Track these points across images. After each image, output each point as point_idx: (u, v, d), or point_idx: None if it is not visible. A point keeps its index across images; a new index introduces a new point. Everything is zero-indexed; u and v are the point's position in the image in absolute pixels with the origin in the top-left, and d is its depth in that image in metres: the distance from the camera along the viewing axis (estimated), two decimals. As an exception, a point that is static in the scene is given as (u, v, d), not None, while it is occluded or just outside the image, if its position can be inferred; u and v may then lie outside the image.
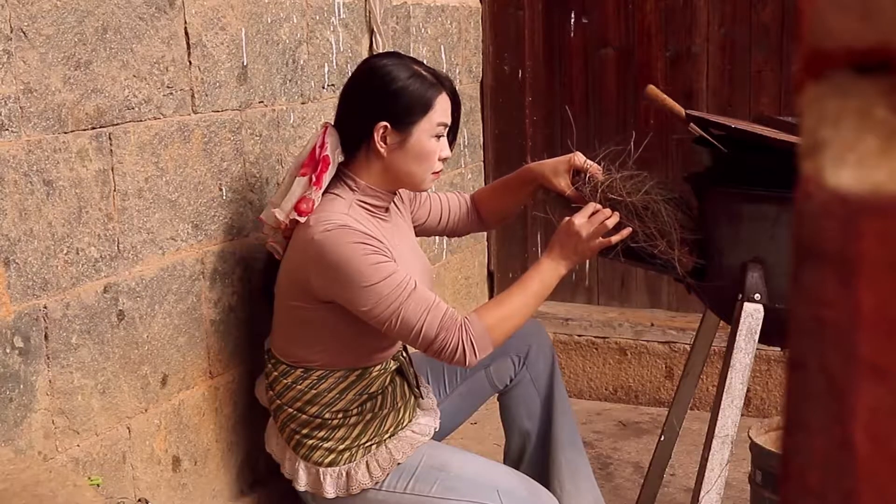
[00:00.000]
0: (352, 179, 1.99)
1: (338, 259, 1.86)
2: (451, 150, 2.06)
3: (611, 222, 1.96)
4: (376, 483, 1.99)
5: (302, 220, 1.92)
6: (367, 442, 2.00)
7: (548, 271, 1.98)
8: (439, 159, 2.00)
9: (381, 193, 2.01)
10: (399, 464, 2.00)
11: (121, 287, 1.88)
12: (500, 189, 2.31)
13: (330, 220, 1.89)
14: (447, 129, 2.00)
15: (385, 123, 1.94)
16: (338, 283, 1.87)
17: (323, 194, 1.96)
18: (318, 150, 1.96)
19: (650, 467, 2.46)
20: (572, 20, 3.43)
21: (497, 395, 2.32)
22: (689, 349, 2.47)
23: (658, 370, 3.30)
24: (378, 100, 1.96)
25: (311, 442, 2.01)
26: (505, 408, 2.30)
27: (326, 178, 1.95)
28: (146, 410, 1.96)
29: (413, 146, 1.96)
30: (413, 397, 2.11)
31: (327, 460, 2.00)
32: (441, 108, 1.97)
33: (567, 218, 1.99)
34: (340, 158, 2.00)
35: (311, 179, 1.95)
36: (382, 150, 1.95)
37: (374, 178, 1.99)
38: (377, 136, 1.95)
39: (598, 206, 1.98)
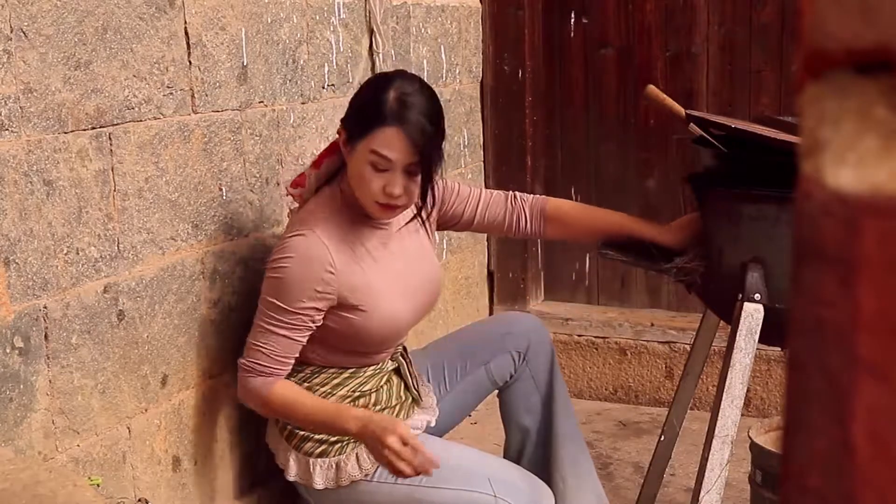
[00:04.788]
0: (344, 183, 2.02)
1: (273, 265, 1.95)
2: (424, 199, 1.96)
3: (406, 470, 1.85)
4: (366, 475, 2.01)
5: (294, 192, 2.05)
6: None
7: (342, 418, 1.93)
8: (386, 193, 1.91)
9: None
10: None
11: (121, 287, 1.88)
12: (596, 223, 2.21)
13: (301, 230, 1.95)
14: (393, 164, 1.89)
15: (343, 129, 1.96)
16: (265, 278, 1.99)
17: (325, 185, 2.03)
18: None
19: (650, 467, 2.46)
20: (572, 20, 3.43)
21: (497, 391, 2.32)
22: (689, 349, 2.47)
23: (658, 370, 3.30)
24: (350, 104, 1.99)
25: (302, 433, 2.04)
26: (504, 404, 2.31)
27: (327, 162, 2.03)
28: (146, 410, 1.96)
29: (354, 164, 1.94)
30: (411, 398, 2.12)
31: (317, 451, 2.03)
32: (381, 139, 1.88)
33: (397, 426, 1.86)
34: None
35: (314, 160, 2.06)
36: (346, 155, 1.97)
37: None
38: (341, 138, 1.97)
39: (419, 448, 1.84)
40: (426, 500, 1.98)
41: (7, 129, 1.62)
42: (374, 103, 1.91)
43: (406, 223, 2.09)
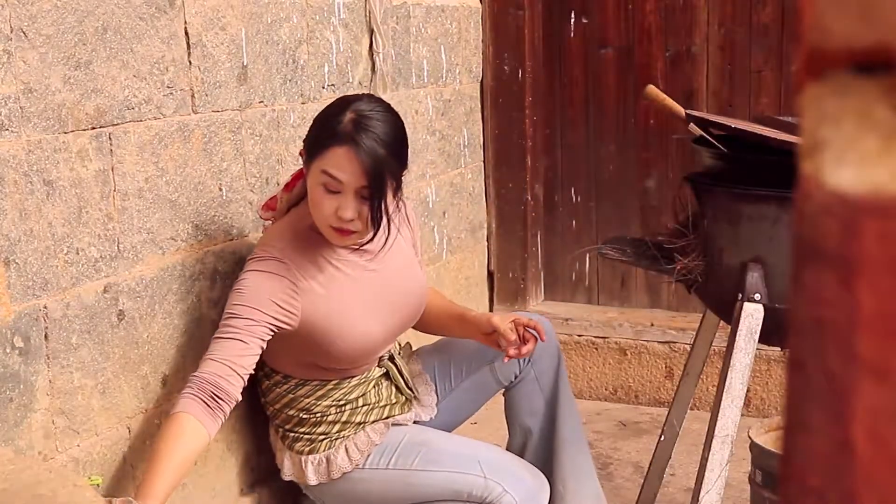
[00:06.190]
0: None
1: (235, 285, 1.92)
2: (373, 224, 1.87)
3: None
4: (357, 465, 2.04)
5: (266, 215, 2.04)
6: (347, 433, 2.07)
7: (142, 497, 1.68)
8: (337, 216, 1.86)
9: None
10: (376, 445, 2.06)
11: (121, 287, 1.88)
12: (457, 319, 2.24)
13: (266, 250, 1.94)
14: (344, 186, 1.84)
15: (303, 148, 1.94)
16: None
17: (294, 207, 2.02)
18: None
19: (650, 467, 2.46)
20: (572, 20, 3.43)
21: (503, 391, 2.33)
22: (689, 349, 2.47)
23: (658, 370, 3.29)
24: (311, 123, 1.97)
25: (293, 434, 2.08)
26: (508, 404, 2.32)
27: (299, 184, 2.00)
28: (146, 410, 1.96)
29: (308, 184, 1.91)
30: (404, 398, 2.14)
31: (307, 449, 2.06)
32: (332, 159, 1.84)
33: None
34: None
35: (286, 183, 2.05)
36: (305, 175, 1.94)
37: None
38: (301, 158, 1.95)
39: None
40: (418, 484, 2.01)
41: (7, 129, 1.62)
42: (330, 123, 1.87)
43: (361, 244, 1.98)
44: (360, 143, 1.83)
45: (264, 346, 1.88)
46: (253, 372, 2.08)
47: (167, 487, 1.68)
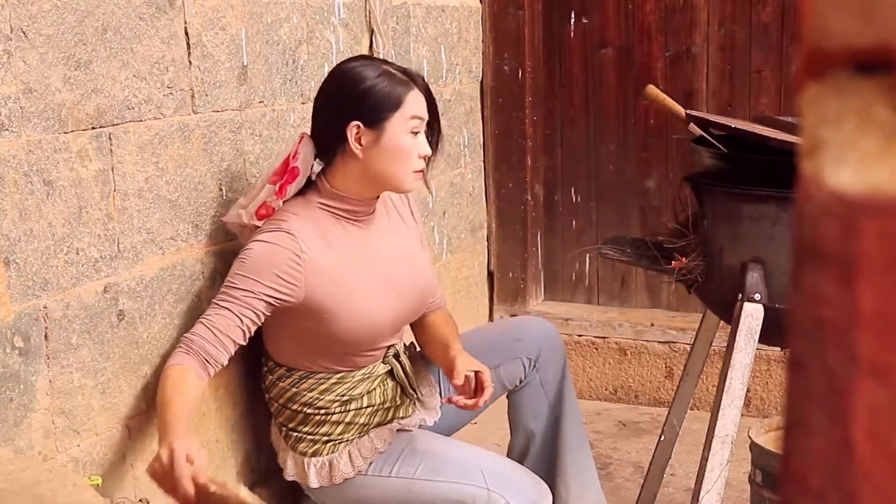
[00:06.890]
0: (322, 183, 2.01)
1: (240, 254, 1.95)
2: (434, 150, 2.05)
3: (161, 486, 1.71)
4: (359, 471, 2.04)
5: (260, 224, 2.00)
6: (350, 437, 2.06)
7: (163, 426, 1.77)
8: (419, 157, 1.98)
9: (353, 199, 2.01)
10: (380, 452, 2.05)
11: (121, 287, 1.88)
12: (444, 348, 2.14)
13: (274, 223, 1.94)
14: (423, 123, 1.99)
15: (357, 123, 1.94)
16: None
17: (289, 200, 2.01)
18: (290, 160, 1.99)
19: (650, 467, 2.46)
20: (572, 20, 3.43)
21: (506, 393, 2.33)
22: (689, 349, 2.47)
23: (658, 370, 3.30)
24: (348, 101, 1.96)
25: (296, 434, 2.07)
26: (512, 407, 2.32)
27: (291, 189, 1.99)
28: (146, 410, 1.96)
29: (388, 143, 1.95)
30: (408, 399, 2.13)
31: (311, 450, 2.06)
32: (414, 103, 1.96)
33: (174, 442, 1.70)
34: (317, 169, 2.04)
35: (276, 188, 2.00)
36: (358, 152, 1.95)
37: (353, 183, 2.00)
38: (351, 137, 1.94)
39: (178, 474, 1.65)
40: (420, 493, 2.01)
41: (7, 129, 1.62)
42: (386, 79, 1.95)
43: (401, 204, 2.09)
44: (420, 80, 2.00)
45: (259, 320, 1.92)
46: (256, 360, 2.09)
47: (185, 423, 1.77)
